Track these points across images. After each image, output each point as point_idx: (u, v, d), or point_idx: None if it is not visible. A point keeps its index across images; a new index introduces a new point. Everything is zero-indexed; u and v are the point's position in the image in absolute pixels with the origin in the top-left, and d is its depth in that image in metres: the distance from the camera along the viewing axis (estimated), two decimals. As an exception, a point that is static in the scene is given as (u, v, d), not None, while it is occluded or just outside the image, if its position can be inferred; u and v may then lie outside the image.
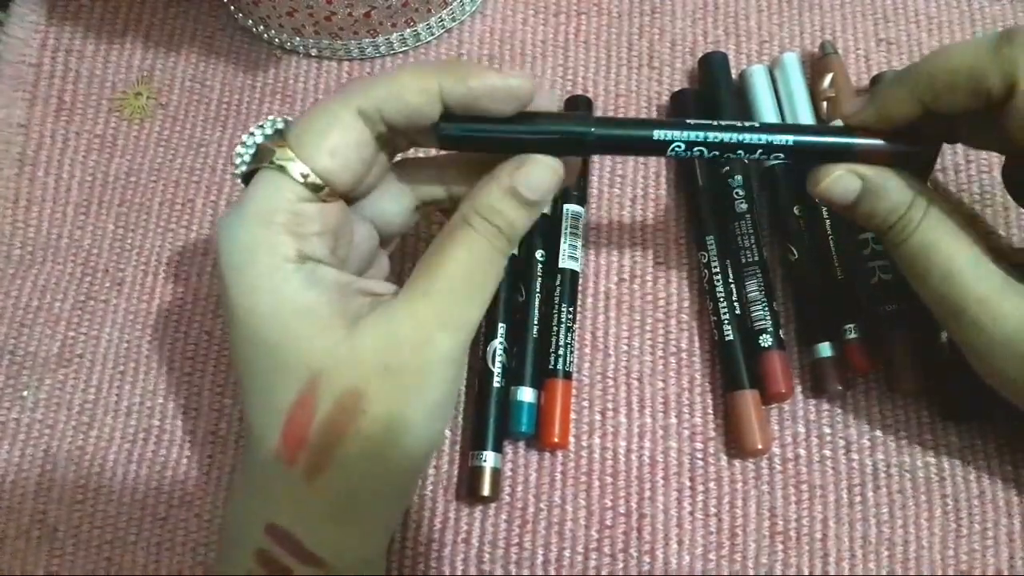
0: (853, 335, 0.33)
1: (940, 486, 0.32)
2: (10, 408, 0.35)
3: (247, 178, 0.27)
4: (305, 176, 0.26)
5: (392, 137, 0.28)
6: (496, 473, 0.32)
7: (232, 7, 0.40)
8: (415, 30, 0.39)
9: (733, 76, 0.38)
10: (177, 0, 0.41)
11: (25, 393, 0.35)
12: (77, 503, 0.34)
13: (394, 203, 0.29)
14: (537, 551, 0.32)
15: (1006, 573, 0.31)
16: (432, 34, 0.40)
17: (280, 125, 0.28)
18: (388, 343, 0.25)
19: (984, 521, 0.32)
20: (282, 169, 0.26)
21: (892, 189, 0.28)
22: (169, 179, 0.38)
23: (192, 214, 0.38)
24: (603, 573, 0.32)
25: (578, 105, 0.38)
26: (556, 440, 0.33)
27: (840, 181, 0.28)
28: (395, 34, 0.39)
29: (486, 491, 0.32)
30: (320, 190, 0.26)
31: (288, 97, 0.39)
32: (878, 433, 0.33)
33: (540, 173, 0.27)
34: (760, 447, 0.32)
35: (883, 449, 0.33)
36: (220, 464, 0.34)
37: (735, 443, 0.33)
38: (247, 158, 0.27)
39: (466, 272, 0.26)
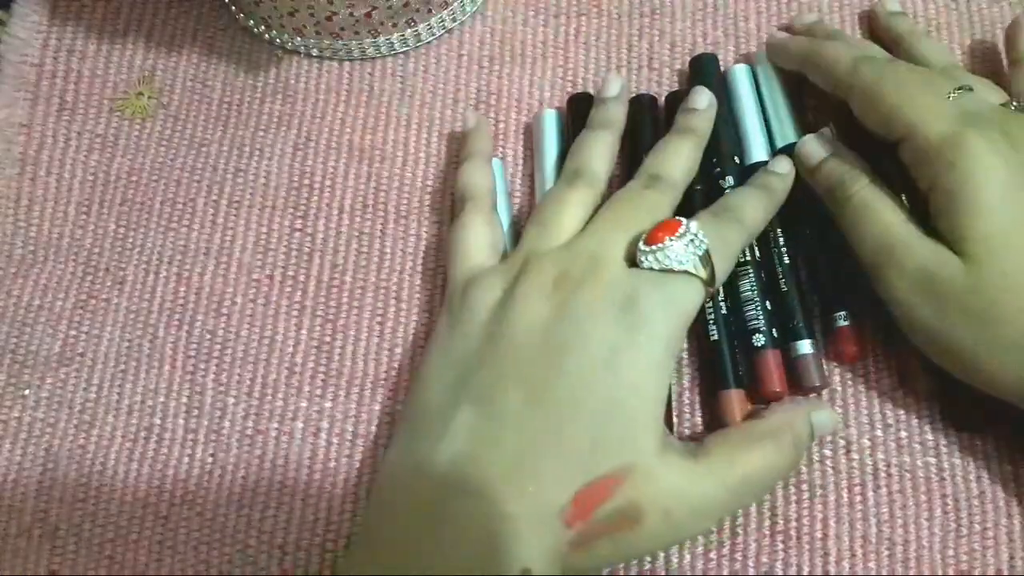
0: (843, 322, 0.33)
1: (940, 486, 0.32)
2: (11, 407, 0.35)
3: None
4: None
5: None
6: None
7: (233, 7, 0.40)
8: (416, 30, 0.39)
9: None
10: (178, 0, 0.41)
11: (26, 392, 0.35)
12: (79, 502, 0.34)
13: None
14: (538, 550, 0.32)
15: (1006, 573, 0.31)
16: (433, 34, 0.40)
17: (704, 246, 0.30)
18: (678, 494, 0.28)
19: (984, 521, 0.32)
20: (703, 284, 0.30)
21: (849, 153, 0.34)
22: (171, 178, 0.39)
23: (193, 213, 0.38)
24: (604, 572, 0.32)
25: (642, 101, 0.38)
26: None
27: (813, 142, 0.34)
28: (396, 34, 0.39)
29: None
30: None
31: (289, 97, 0.40)
32: (878, 433, 0.33)
33: (831, 420, 0.32)
34: None
35: (883, 449, 0.33)
36: (222, 463, 0.34)
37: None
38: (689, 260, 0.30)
39: (758, 476, 0.29)
